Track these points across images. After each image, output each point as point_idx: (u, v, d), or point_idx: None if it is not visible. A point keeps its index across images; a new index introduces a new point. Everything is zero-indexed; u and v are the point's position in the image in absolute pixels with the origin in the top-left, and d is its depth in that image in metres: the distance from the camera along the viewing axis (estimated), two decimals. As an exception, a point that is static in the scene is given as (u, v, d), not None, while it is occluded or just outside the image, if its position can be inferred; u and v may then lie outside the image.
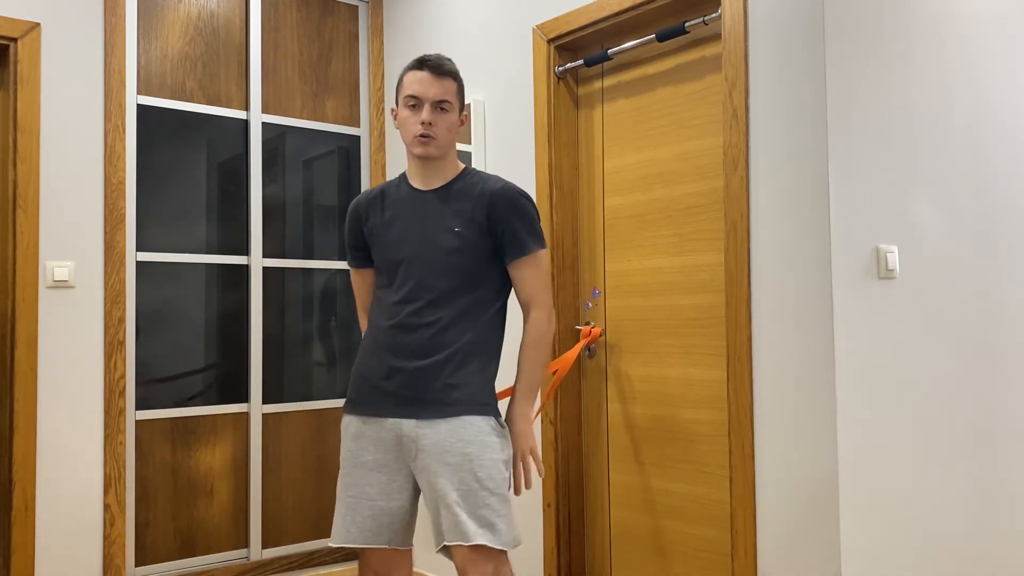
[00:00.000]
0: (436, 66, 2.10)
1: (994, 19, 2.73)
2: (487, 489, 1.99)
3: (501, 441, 2.05)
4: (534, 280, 2.12)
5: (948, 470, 2.46)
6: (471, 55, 3.30)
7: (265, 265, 3.47)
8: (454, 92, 2.13)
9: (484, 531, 1.97)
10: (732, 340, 2.38)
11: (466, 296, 2.10)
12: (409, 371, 2.07)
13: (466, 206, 2.12)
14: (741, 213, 2.37)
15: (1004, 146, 2.73)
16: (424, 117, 2.08)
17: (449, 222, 2.12)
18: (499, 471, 2.02)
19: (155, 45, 3.26)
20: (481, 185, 2.14)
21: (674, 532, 2.69)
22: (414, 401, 2.06)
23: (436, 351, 2.07)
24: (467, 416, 2.03)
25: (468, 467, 2.00)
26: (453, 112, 2.13)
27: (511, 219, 2.10)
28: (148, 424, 3.20)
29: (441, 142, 2.12)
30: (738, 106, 2.38)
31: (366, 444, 2.11)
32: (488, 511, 1.98)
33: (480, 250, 2.11)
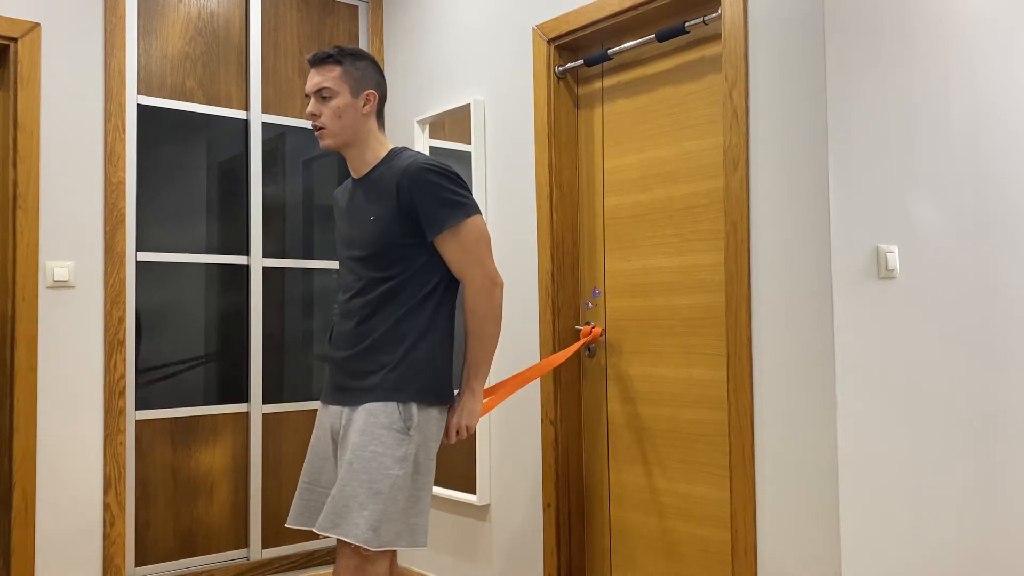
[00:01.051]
0: (314, 58, 2.13)
1: (994, 19, 2.73)
2: (360, 480, 1.95)
3: (398, 436, 2.00)
4: (458, 255, 2.08)
5: (948, 470, 2.46)
6: (471, 55, 3.30)
7: (265, 265, 3.47)
8: (336, 77, 2.11)
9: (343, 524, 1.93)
10: (732, 340, 2.38)
11: (390, 282, 2.09)
12: (340, 360, 2.13)
13: (381, 191, 2.11)
14: (741, 213, 2.37)
15: (1004, 146, 2.73)
16: (308, 109, 2.13)
17: (368, 210, 2.12)
18: (381, 466, 1.96)
19: (155, 45, 3.26)
20: (393, 168, 2.11)
21: (674, 532, 2.69)
22: (343, 389, 2.11)
23: (360, 340, 2.10)
24: (374, 403, 2.03)
25: (351, 456, 1.99)
26: (339, 96, 2.11)
27: (418, 197, 2.05)
28: (148, 424, 3.20)
29: (332, 129, 2.12)
30: (738, 106, 2.38)
31: (320, 433, 2.18)
32: (354, 504, 1.94)
33: (398, 234, 2.08)
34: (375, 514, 1.93)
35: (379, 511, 1.94)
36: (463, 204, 2.07)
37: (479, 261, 2.09)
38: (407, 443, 2.01)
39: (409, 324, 2.08)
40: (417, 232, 2.09)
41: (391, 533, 1.95)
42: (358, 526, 1.92)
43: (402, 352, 2.06)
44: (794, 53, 2.27)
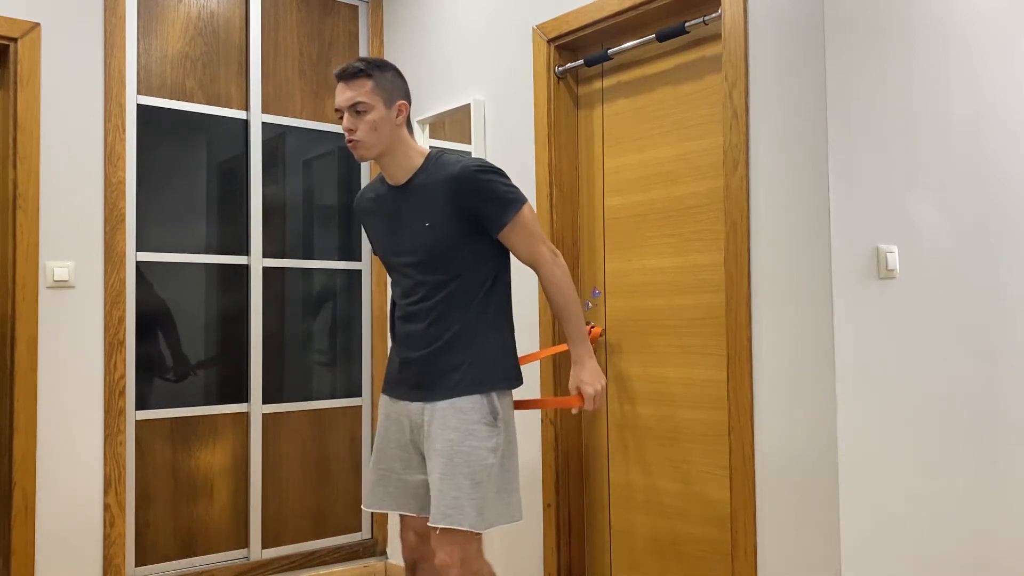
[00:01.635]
0: (344, 72, 2.19)
1: (994, 19, 2.73)
2: (462, 474, 2.12)
3: (488, 428, 2.17)
4: (524, 241, 2.21)
5: (948, 470, 2.46)
6: (471, 55, 3.30)
7: (265, 265, 3.47)
8: (368, 90, 2.18)
9: (454, 514, 2.11)
10: (732, 340, 2.38)
11: (452, 284, 2.21)
12: (414, 360, 2.25)
13: (430, 198, 2.20)
14: (741, 213, 2.37)
15: (1004, 146, 2.73)
16: (344, 125, 2.20)
17: (421, 217, 2.22)
18: (479, 458, 2.13)
19: (155, 45, 3.26)
20: (440, 172, 2.20)
21: (674, 532, 2.69)
22: (420, 387, 2.24)
23: (432, 341, 2.22)
24: (459, 399, 2.17)
25: (449, 452, 2.14)
26: (373, 110, 2.18)
27: (474, 201, 2.17)
28: (148, 424, 3.20)
29: (368, 143, 2.19)
30: (738, 106, 2.38)
31: (391, 424, 2.32)
32: (462, 496, 2.11)
33: (455, 237, 2.19)
34: (479, 501, 2.13)
35: (481, 498, 2.13)
36: (515, 194, 2.20)
37: (542, 240, 2.23)
38: (497, 433, 2.18)
39: (479, 319, 2.22)
40: (472, 232, 2.20)
41: (493, 514, 2.15)
42: (468, 515, 2.11)
43: (478, 346, 2.21)
44: (794, 53, 2.27)
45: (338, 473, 3.61)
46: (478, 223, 2.19)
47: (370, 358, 3.70)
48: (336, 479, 3.61)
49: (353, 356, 3.69)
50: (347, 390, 3.67)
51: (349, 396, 3.67)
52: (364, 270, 3.72)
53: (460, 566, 2.13)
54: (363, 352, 3.70)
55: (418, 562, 2.36)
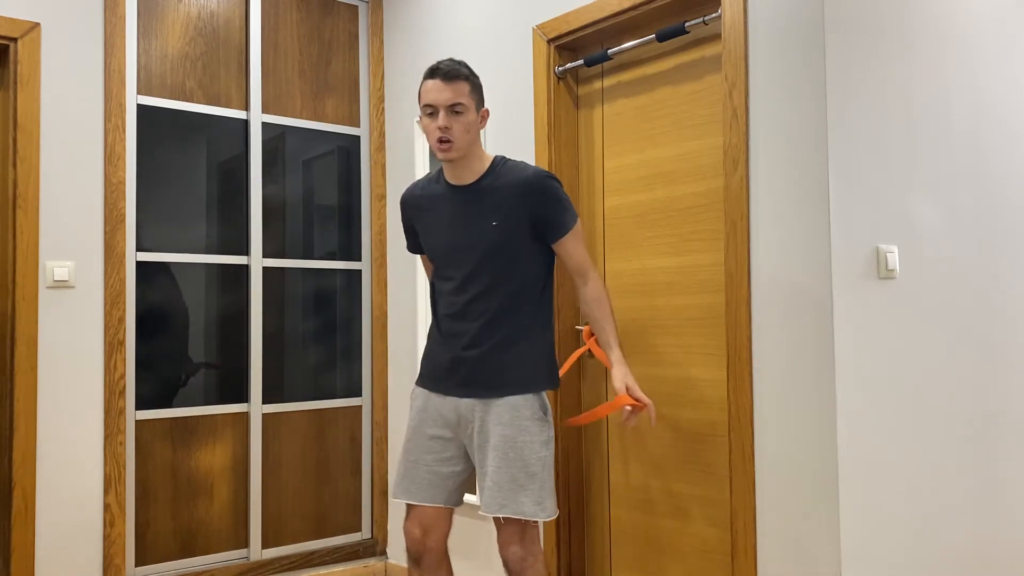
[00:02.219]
0: (447, 72, 2.27)
1: (994, 19, 2.73)
2: (517, 467, 2.24)
3: (539, 424, 2.29)
4: (577, 251, 2.37)
5: (948, 470, 2.46)
6: (471, 55, 3.30)
7: (265, 265, 3.47)
8: (467, 93, 2.28)
9: (511, 504, 2.24)
10: (732, 340, 2.38)
11: (510, 285, 2.32)
12: (466, 359, 2.32)
13: (500, 199, 2.31)
14: (741, 213, 2.37)
15: (1004, 146, 2.73)
16: (440, 123, 2.26)
17: (487, 216, 2.32)
18: (532, 451, 2.26)
19: (155, 45, 3.26)
20: (511, 176, 2.32)
21: (674, 532, 2.69)
22: (472, 383, 2.32)
23: (487, 340, 2.31)
24: (513, 397, 2.28)
25: (504, 447, 2.25)
26: (468, 113, 2.28)
27: (545, 205, 2.31)
28: (148, 424, 3.20)
29: (460, 143, 2.28)
30: (738, 106, 2.38)
31: (428, 417, 2.40)
32: (515, 486, 2.24)
33: (518, 239, 2.31)
34: (536, 492, 2.25)
35: (538, 488, 2.26)
36: (572, 209, 2.36)
37: (587, 253, 2.39)
38: (548, 427, 2.31)
39: (531, 321, 2.34)
40: (532, 236, 2.32)
41: (551, 505, 2.29)
42: (525, 504, 2.24)
43: (530, 347, 2.33)
44: (794, 53, 2.27)
45: (338, 473, 3.61)
46: (541, 228, 2.32)
47: (370, 358, 3.71)
48: (336, 479, 3.61)
49: (353, 356, 3.69)
50: (347, 390, 3.67)
51: (349, 396, 3.67)
52: (364, 270, 3.72)
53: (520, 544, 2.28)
54: (363, 352, 3.70)
55: (423, 555, 2.41)
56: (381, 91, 3.76)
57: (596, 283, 2.37)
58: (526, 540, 2.29)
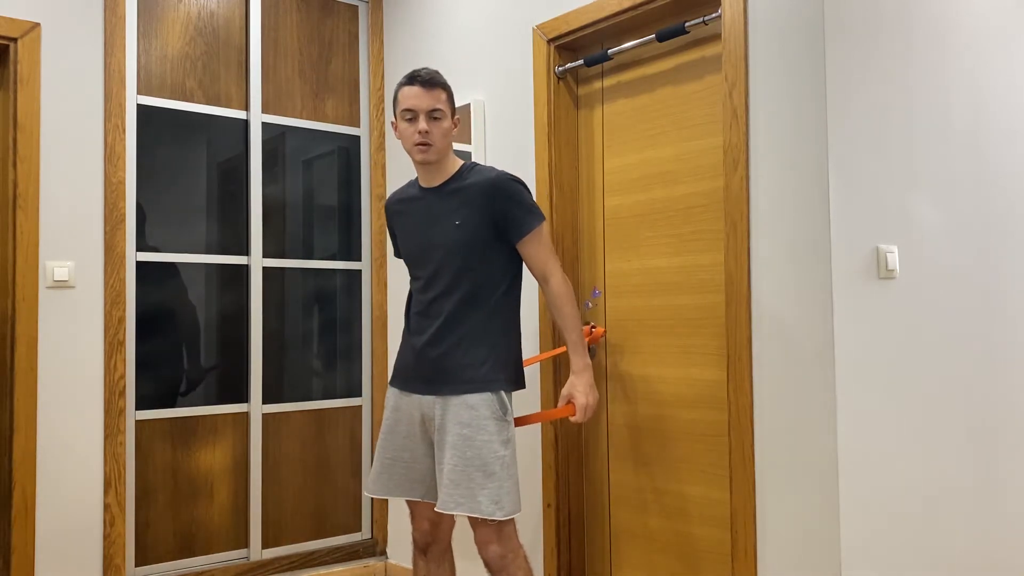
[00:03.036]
0: (426, 80, 2.38)
1: (994, 18, 2.73)
2: (475, 466, 2.25)
3: (497, 423, 2.30)
4: (540, 252, 2.39)
5: (948, 470, 2.46)
6: (471, 55, 3.30)
7: (265, 265, 3.47)
8: (444, 101, 2.40)
9: (467, 502, 2.25)
10: (732, 340, 2.38)
11: (471, 284, 2.36)
12: (429, 356, 2.37)
13: (464, 200, 2.38)
14: (741, 213, 2.37)
15: (1004, 146, 2.73)
16: (421, 127, 2.36)
17: (451, 217, 2.38)
18: (491, 451, 2.27)
19: (155, 45, 3.26)
20: (475, 178, 2.39)
21: (674, 532, 2.69)
22: (432, 381, 2.36)
23: (447, 338, 2.36)
24: (471, 395, 2.30)
25: (461, 446, 2.27)
26: (446, 119, 2.40)
27: (507, 205, 2.35)
28: (148, 424, 3.20)
29: (438, 147, 2.39)
30: (738, 106, 2.38)
31: (401, 416, 2.45)
32: (473, 485, 2.25)
33: (481, 240, 2.36)
34: (494, 491, 2.26)
35: (496, 488, 2.26)
36: (536, 211, 2.40)
37: (553, 254, 2.41)
38: (507, 428, 2.32)
39: (494, 321, 2.38)
40: (495, 237, 2.37)
41: (512, 503, 2.29)
42: (482, 503, 2.25)
43: (490, 347, 2.35)
44: (794, 53, 2.27)
45: (338, 473, 3.61)
46: (503, 228, 2.36)
47: (370, 358, 3.71)
48: (336, 479, 3.61)
49: (353, 356, 3.69)
50: (347, 390, 3.67)
51: (349, 396, 3.67)
52: (364, 270, 3.72)
53: (497, 543, 2.30)
54: (363, 352, 3.70)
55: (430, 545, 2.51)
56: (381, 91, 3.76)
57: (557, 285, 2.38)
58: (503, 537, 2.30)
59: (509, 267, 2.42)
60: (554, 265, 2.39)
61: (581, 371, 2.37)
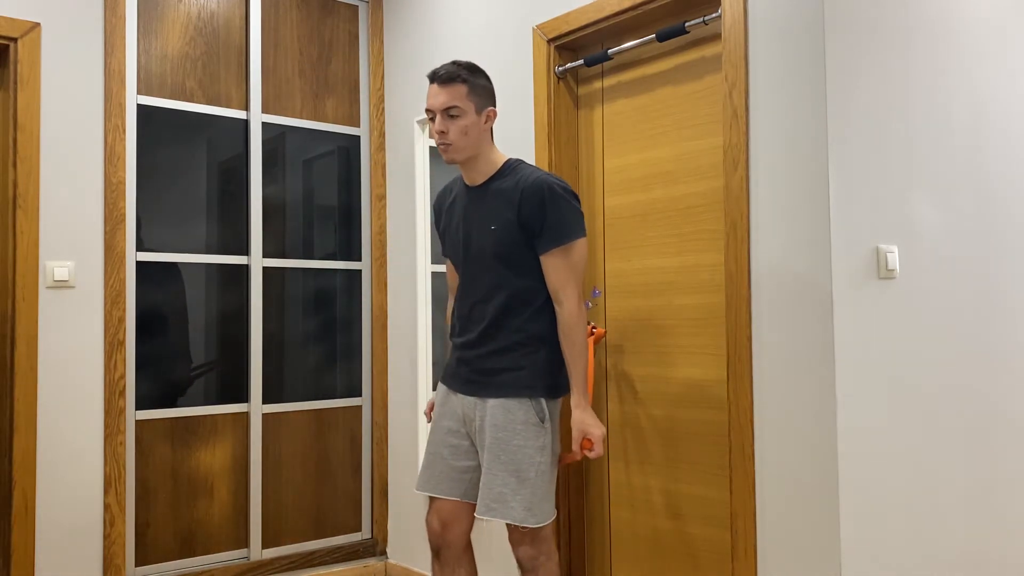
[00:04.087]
0: (442, 76, 2.26)
1: (993, 19, 2.73)
2: (509, 471, 2.22)
3: (535, 428, 2.25)
4: (557, 273, 2.25)
5: (948, 470, 2.46)
6: (471, 55, 3.30)
7: (265, 265, 3.47)
8: (463, 95, 2.25)
9: (500, 508, 2.22)
10: (732, 340, 2.38)
11: (511, 290, 2.28)
12: (470, 358, 2.34)
13: (502, 202, 2.28)
14: (741, 213, 2.37)
15: (1004, 146, 2.73)
16: (436, 127, 2.26)
17: (488, 220, 2.29)
18: (526, 456, 2.23)
19: (155, 45, 3.26)
20: (516, 180, 2.27)
21: (674, 532, 2.69)
22: (475, 383, 2.33)
23: (486, 343, 2.31)
24: (510, 399, 2.26)
25: (496, 450, 2.24)
26: (466, 115, 2.25)
27: (537, 213, 2.22)
28: (148, 424, 3.20)
29: (459, 146, 2.27)
30: (738, 106, 2.38)
31: (446, 411, 2.41)
32: (506, 490, 2.22)
33: (518, 245, 2.26)
34: (527, 497, 2.22)
35: (529, 494, 2.22)
36: (571, 226, 2.23)
37: (572, 280, 2.24)
38: (544, 434, 2.26)
39: (535, 327, 2.29)
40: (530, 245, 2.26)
41: (545, 511, 2.25)
42: (514, 509, 2.21)
43: (531, 352, 2.28)
44: (794, 53, 2.27)
45: (338, 473, 3.61)
46: (528, 235, 2.24)
47: (370, 358, 3.70)
48: (336, 479, 3.61)
49: (353, 356, 3.69)
50: (347, 390, 3.67)
51: (349, 396, 3.67)
52: (364, 270, 3.72)
53: (530, 544, 2.28)
54: (363, 352, 3.70)
55: (441, 548, 2.42)
56: (381, 91, 3.76)
57: (568, 313, 2.24)
58: (537, 539, 2.28)
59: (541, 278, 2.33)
60: (572, 290, 2.24)
61: (585, 407, 2.26)
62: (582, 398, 2.27)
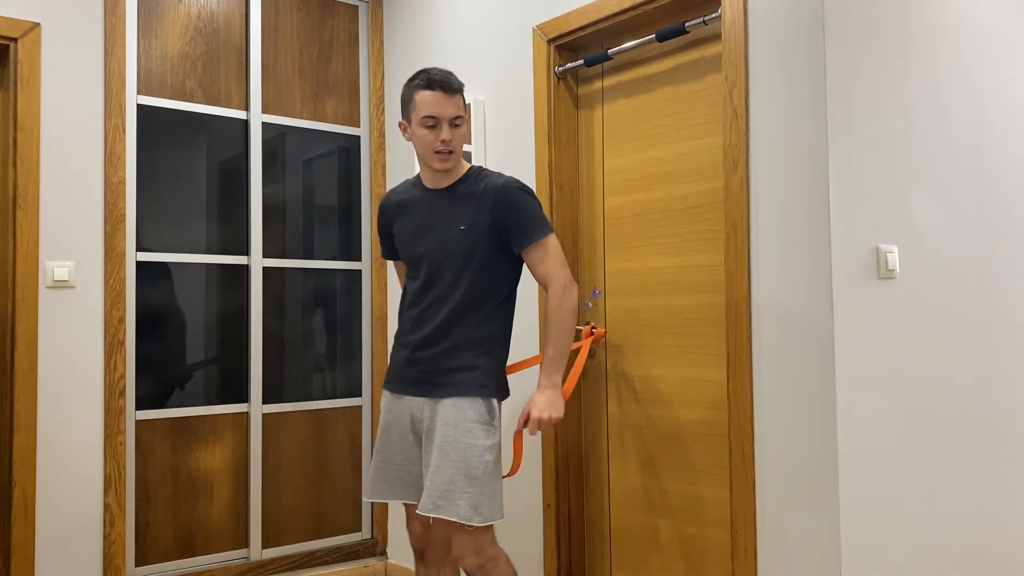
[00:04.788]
0: (447, 85, 2.31)
1: (993, 19, 2.73)
2: (457, 468, 2.21)
3: (484, 427, 2.26)
4: (543, 262, 2.31)
5: (948, 470, 2.46)
6: (471, 55, 3.30)
7: (265, 265, 3.47)
8: (462, 105, 2.34)
9: (446, 505, 2.20)
10: (732, 340, 2.38)
11: (471, 289, 2.32)
12: (422, 358, 2.34)
13: (472, 205, 2.33)
14: (741, 213, 2.37)
15: (1003, 146, 2.73)
16: (444, 136, 2.30)
17: (457, 221, 2.33)
18: (475, 454, 2.22)
19: (155, 45, 3.26)
20: (484, 183, 2.34)
21: (674, 532, 2.69)
22: (425, 383, 2.33)
23: (440, 341, 2.32)
24: (463, 398, 2.27)
25: (446, 447, 2.23)
26: (465, 124, 2.36)
27: (513, 213, 2.30)
28: (148, 424, 3.20)
29: (459, 154, 2.36)
30: (738, 106, 2.38)
31: (392, 418, 2.41)
32: (453, 487, 2.20)
33: (485, 246, 2.31)
34: (474, 496, 2.20)
35: (477, 492, 2.21)
36: (543, 222, 2.33)
37: (558, 264, 2.31)
38: (493, 433, 2.28)
39: (490, 327, 2.34)
40: (500, 246, 2.33)
41: (491, 510, 2.24)
42: (461, 507, 2.19)
43: (485, 353, 2.32)
44: (794, 53, 2.27)
45: (338, 473, 3.61)
46: (508, 236, 2.32)
47: (370, 358, 3.70)
48: (336, 479, 3.61)
49: (353, 356, 3.69)
50: (347, 390, 3.67)
51: (349, 396, 3.67)
52: (364, 270, 3.72)
53: (474, 554, 2.25)
54: (363, 352, 3.70)
55: (425, 549, 2.46)
56: (381, 91, 3.76)
57: (560, 290, 2.28)
58: (480, 546, 2.25)
59: (510, 277, 2.39)
60: (558, 273, 2.30)
61: (544, 388, 2.28)
62: (547, 381, 2.28)
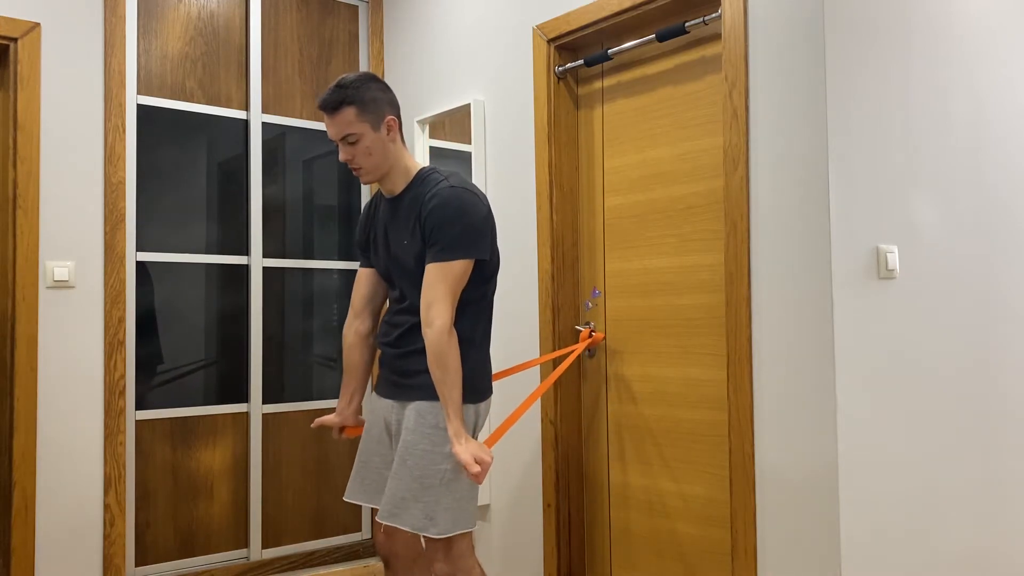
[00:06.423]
0: (326, 104, 2.18)
1: (993, 18, 2.73)
2: (413, 476, 2.15)
3: (443, 433, 2.16)
4: (429, 289, 2.14)
5: (948, 470, 2.46)
6: (471, 55, 3.30)
7: (265, 265, 3.47)
8: (353, 119, 2.17)
9: (400, 514, 2.13)
10: (732, 340, 2.38)
11: None
12: (390, 362, 2.32)
13: (411, 214, 2.24)
14: (741, 213, 2.37)
15: (1004, 145, 2.73)
16: (341, 156, 2.23)
17: (400, 232, 2.28)
18: (431, 461, 2.14)
19: (155, 45, 3.26)
20: (423, 191, 2.21)
21: (674, 532, 2.69)
22: (397, 386, 2.30)
23: (406, 345, 2.27)
24: (424, 402, 2.20)
25: (404, 454, 2.18)
26: (364, 137, 2.19)
27: (431, 227, 2.16)
28: (148, 424, 3.20)
29: (368, 167, 2.23)
30: (738, 106, 2.38)
31: (374, 419, 2.40)
32: (408, 495, 2.14)
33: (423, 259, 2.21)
34: (428, 505, 2.12)
35: (432, 502, 2.12)
36: (456, 247, 2.13)
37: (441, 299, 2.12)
38: None
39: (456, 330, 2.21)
40: None
41: (447, 521, 2.13)
42: (415, 516, 2.12)
43: None
44: (794, 53, 2.27)
45: (338, 473, 3.61)
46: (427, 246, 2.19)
47: (370, 358, 3.70)
48: (336, 479, 3.61)
49: (353, 356, 3.68)
50: (347, 390, 3.66)
51: (349, 396, 3.66)
52: (364, 270, 3.72)
53: (443, 561, 2.17)
54: (363, 352, 3.70)
55: (390, 558, 2.39)
56: (381, 91, 3.76)
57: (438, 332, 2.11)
58: (451, 555, 2.16)
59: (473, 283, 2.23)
60: (441, 308, 2.11)
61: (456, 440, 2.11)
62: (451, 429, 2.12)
